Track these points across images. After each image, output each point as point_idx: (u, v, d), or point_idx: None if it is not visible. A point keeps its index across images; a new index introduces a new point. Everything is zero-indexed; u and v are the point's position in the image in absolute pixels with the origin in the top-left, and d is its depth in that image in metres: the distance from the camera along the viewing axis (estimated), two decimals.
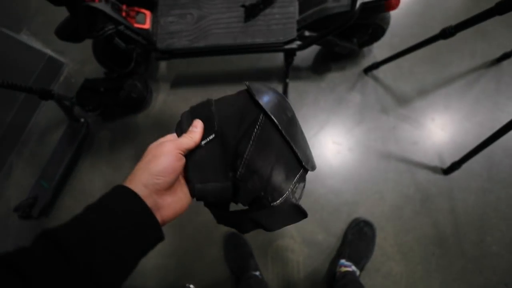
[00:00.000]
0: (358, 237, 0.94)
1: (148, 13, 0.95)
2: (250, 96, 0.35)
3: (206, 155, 0.34)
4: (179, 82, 1.24)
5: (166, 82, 1.25)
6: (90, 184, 1.20)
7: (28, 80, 1.25)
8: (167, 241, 1.02)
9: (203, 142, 0.35)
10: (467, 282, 0.93)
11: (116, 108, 1.24)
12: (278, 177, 0.33)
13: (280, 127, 0.33)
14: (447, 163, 0.97)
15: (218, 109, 0.36)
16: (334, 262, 0.94)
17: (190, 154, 0.34)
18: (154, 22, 0.95)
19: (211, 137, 0.35)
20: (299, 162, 0.35)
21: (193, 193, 0.34)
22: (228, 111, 0.36)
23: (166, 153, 0.31)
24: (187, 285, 1.00)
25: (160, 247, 0.97)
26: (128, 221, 0.27)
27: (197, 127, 0.34)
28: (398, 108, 1.06)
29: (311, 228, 1.00)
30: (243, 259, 0.95)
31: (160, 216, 0.30)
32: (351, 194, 1.01)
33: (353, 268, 0.88)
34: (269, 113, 0.33)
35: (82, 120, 1.21)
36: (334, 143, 1.06)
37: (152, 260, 1.05)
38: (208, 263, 1.02)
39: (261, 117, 0.34)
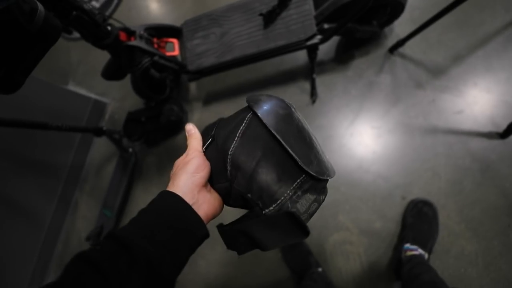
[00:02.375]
0: (418, 219, 0.90)
1: (175, 41, 1.04)
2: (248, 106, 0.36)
3: (210, 158, 0.36)
4: (210, 99, 1.31)
5: (198, 101, 1.33)
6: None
7: (80, 122, 1.41)
8: (222, 250, 1.06)
9: (203, 148, 0.37)
10: None
11: (158, 133, 1.34)
12: (265, 176, 0.30)
13: (267, 125, 0.32)
14: (503, 125, 0.90)
15: (221, 121, 0.38)
16: (398, 248, 0.91)
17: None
18: (182, 47, 1.03)
19: (208, 141, 0.37)
20: (298, 166, 0.31)
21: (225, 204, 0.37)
22: (227, 120, 0.38)
23: (195, 155, 0.35)
24: None
25: (218, 255, 1.01)
26: (174, 219, 0.31)
27: (190, 129, 0.41)
28: (434, 80, 1.02)
29: (366, 217, 0.98)
30: (302, 258, 0.95)
31: (203, 212, 0.33)
32: (401, 176, 0.98)
33: (420, 251, 0.84)
34: (257, 112, 0.33)
35: (131, 150, 1.33)
36: (373, 128, 1.04)
37: (213, 270, 1.09)
38: (268, 267, 1.03)
39: (248, 115, 0.34)
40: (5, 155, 1.13)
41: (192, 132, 0.40)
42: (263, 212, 0.30)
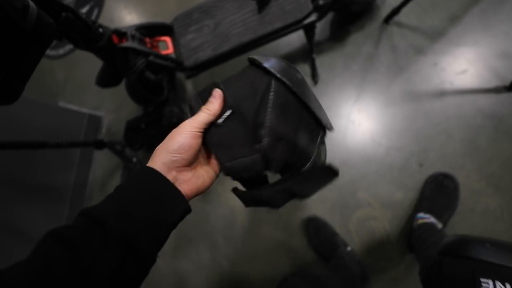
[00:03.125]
0: (437, 192, 0.88)
1: (168, 38, 1.01)
2: (256, 67, 0.34)
3: (228, 132, 0.33)
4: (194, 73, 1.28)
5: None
6: None
7: (77, 139, 1.36)
8: (247, 245, 1.03)
9: (220, 121, 0.34)
10: None
11: (159, 139, 1.30)
12: (303, 140, 0.33)
13: (294, 89, 0.33)
14: (508, 78, 0.90)
15: (227, 86, 0.35)
16: (412, 217, 0.90)
17: (211, 135, 0.34)
18: (176, 44, 1.00)
19: (227, 113, 0.33)
20: (318, 123, 0.35)
21: (224, 173, 0.34)
22: (238, 85, 0.35)
23: (182, 132, 0.32)
24: None
25: (244, 252, 0.98)
26: (153, 194, 0.29)
27: (216, 97, 0.33)
28: (434, 44, 1.02)
29: (385, 189, 0.97)
30: (328, 240, 0.94)
31: (182, 190, 0.31)
32: (415, 144, 0.97)
33: (432, 220, 0.81)
34: (279, 76, 0.32)
35: (135, 159, 1.29)
36: (380, 101, 1.03)
37: (239, 268, 1.07)
38: (295, 255, 1.01)
39: (273, 82, 0.33)
40: (6, 182, 1.08)
41: (214, 100, 0.33)
42: (302, 170, 0.33)
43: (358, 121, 1.04)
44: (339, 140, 1.03)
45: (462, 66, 0.98)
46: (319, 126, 0.35)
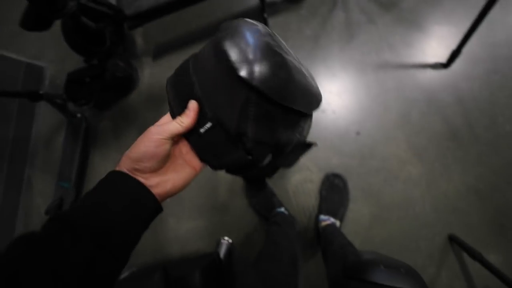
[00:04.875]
0: (330, 191, 0.97)
1: None
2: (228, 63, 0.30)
3: (211, 141, 0.33)
4: (160, 52, 1.21)
5: (147, 56, 1.22)
6: (106, 173, 1.24)
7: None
8: (193, 203, 1.06)
9: (202, 130, 0.33)
10: (485, 165, 0.94)
11: (108, 95, 1.23)
12: (284, 136, 0.33)
13: (275, 99, 0.30)
14: (447, 56, 0.94)
15: (201, 84, 0.33)
16: (316, 218, 0.98)
17: (196, 144, 0.34)
18: None
19: (208, 125, 0.33)
20: (303, 114, 0.34)
21: (213, 169, 0.35)
22: (215, 91, 0.32)
23: (146, 140, 0.31)
24: (221, 239, 1.06)
25: (189, 210, 1.00)
26: (122, 193, 0.30)
27: (191, 110, 0.32)
28: (385, 14, 1.01)
29: (323, 155, 1.02)
30: (266, 200, 0.99)
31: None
32: (357, 113, 1.01)
33: (332, 220, 0.91)
34: (259, 87, 0.29)
35: (79, 115, 1.22)
36: (328, 68, 1.03)
37: (184, 225, 1.11)
38: (236, 214, 1.06)
39: (253, 96, 0.30)
40: None
41: (189, 114, 0.32)
42: (284, 152, 0.36)
43: None
44: None
45: (408, 40, 0.99)
46: (304, 115, 0.35)
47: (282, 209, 0.96)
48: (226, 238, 1.05)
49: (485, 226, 0.92)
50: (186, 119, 0.32)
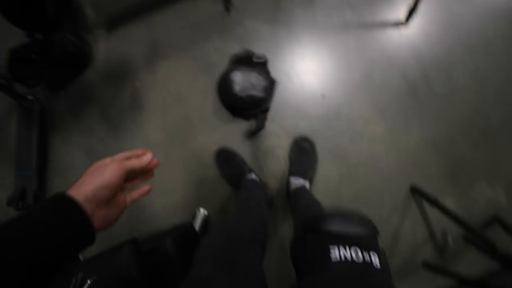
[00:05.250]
0: (299, 154, 0.98)
1: None
2: None
3: None
4: (114, 23, 1.12)
5: (100, 28, 1.13)
6: (70, 157, 1.17)
7: None
8: (165, 180, 1.03)
9: None
10: (443, 119, 0.99)
11: (60, 73, 1.14)
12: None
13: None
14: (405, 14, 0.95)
15: None
16: (287, 180, 0.99)
17: None
18: None
19: None
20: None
21: None
22: None
23: (112, 169, 0.34)
24: (197, 210, 1.06)
25: (161, 187, 0.97)
26: (64, 223, 0.30)
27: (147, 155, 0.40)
28: None
29: (291, 120, 1.02)
30: (237, 168, 0.99)
31: (93, 225, 0.32)
32: (321, 76, 1.01)
33: (301, 182, 0.93)
34: None
35: (30, 97, 1.12)
36: (290, 31, 1.01)
37: (158, 203, 1.09)
38: (209, 186, 1.06)
39: None
40: None
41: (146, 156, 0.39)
42: None
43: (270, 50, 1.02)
44: None
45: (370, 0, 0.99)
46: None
47: (253, 175, 0.97)
48: (201, 209, 1.05)
49: (442, 175, 0.99)
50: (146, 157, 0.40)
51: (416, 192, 0.97)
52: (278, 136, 1.02)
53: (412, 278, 0.97)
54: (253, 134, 1.01)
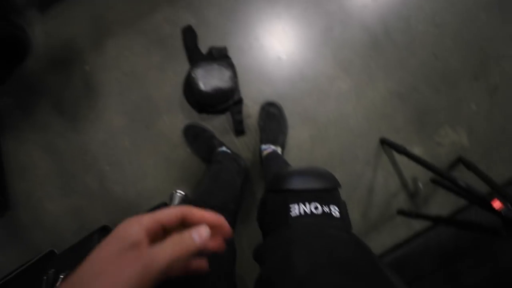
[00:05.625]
0: (267, 120, 0.96)
1: None
2: None
3: None
4: (46, 1, 1.00)
5: (32, 9, 1.01)
6: (29, 157, 1.09)
7: None
8: (134, 165, 0.98)
9: None
10: (405, 69, 0.99)
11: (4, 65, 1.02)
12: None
13: None
14: None
15: None
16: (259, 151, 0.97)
17: None
18: None
19: None
20: None
21: None
22: None
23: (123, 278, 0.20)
24: (173, 192, 1.03)
25: (132, 174, 0.91)
26: None
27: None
28: None
29: (255, 87, 0.99)
30: (206, 143, 0.96)
31: None
32: (279, 38, 0.97)
33: (272, 148, 0.91)
34: None
35: None
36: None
37: (131, 191, 1.05)
38: (183, 166, 1.03)
39: None
40: None
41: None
42: None
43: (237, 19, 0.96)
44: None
45: None
46: None
47: (224, 148, 0.94)
48: (178, 190, 1.02)
49: (408, 125, 1.01)
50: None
51: (385, 143, 0.99)
52: (245, 105, 0.99)
53: (389, 226, 1.01)
54: (238, 131, 0.98)
